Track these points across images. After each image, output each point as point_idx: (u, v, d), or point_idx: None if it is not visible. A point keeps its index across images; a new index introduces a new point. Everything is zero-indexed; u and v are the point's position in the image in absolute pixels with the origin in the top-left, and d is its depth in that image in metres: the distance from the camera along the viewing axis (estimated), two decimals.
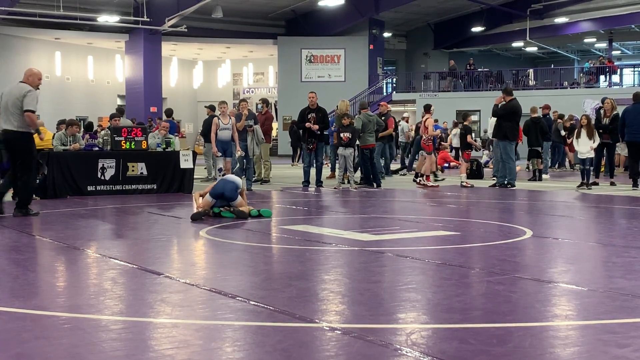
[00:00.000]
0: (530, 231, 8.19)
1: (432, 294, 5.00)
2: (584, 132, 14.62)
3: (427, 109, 16.52)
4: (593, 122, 15.55)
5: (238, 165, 14.65)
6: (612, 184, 15.50)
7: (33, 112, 9.86)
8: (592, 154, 14.67)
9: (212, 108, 18.71)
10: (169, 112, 19.22)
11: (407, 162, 21.68)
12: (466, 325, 4.13)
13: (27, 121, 9.87)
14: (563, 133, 21.16)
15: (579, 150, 14.83)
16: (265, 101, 18.08)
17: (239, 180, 10.17)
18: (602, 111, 16.36)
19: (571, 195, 13.49)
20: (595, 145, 14.58)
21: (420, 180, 15.79)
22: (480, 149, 16.98)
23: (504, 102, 15.48)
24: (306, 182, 15.67)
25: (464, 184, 15.65)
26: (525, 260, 6.62)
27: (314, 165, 15.78)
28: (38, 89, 10.08)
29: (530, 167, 18.66)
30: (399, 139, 23.17)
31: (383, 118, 18.08)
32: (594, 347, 3.71)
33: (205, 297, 4.90)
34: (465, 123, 16.79)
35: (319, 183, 15.58)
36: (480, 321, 4.25)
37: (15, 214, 9.97)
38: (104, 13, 32.71)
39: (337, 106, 16.77)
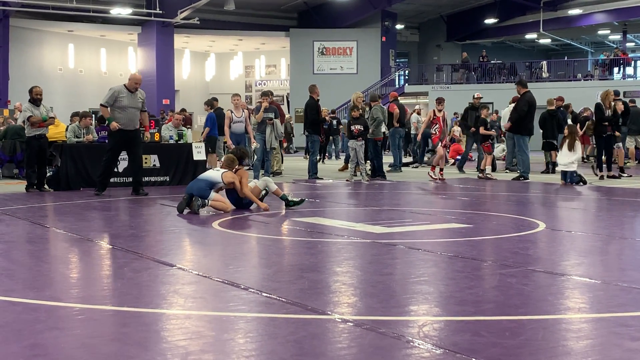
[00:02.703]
0: (543, 224, 8.16)
1: (444, 287, 5.00)
2: (565, 143, 14.09)
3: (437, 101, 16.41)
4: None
5: (256, 157, 14.71)
6: (602, 177, 14.98)
7: (103, 105, 11.95)
8: (572, 168, 13.94)
9: (210, 105, 18.30)
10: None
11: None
12: (478, 317, 4.12)
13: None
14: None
15: (558, 162, 14.39)
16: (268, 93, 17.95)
17: (213, 177, 9.68)
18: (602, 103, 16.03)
19: (584, 188, 13.42)
20: (574, 159, 13.93)
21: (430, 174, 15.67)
22: (495, 135, 16.65)
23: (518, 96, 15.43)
24: (314, 175, 15.72)
25: (488, 175, 15.60)
26: (538, 252, 6.60)
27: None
28: (131, 91, 11.88)
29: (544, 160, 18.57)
30: (411, 131, 23.25)
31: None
32: (607, 339, 3.70)
33: (218, 289, 4.91)
34: (482, 116, 16.73)
35: (313, 175, 15.72)
36: (492, 314, 4.24)
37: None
38: (117, 5, 32.76)
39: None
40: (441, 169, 15.57)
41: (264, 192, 10.13)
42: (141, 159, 12.49)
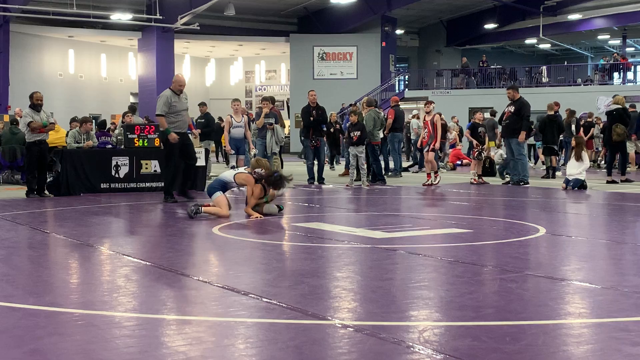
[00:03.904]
0: (543, 229, 8.16)
1: (444, 292, 5.00)
2: (573, 154, 14.04)
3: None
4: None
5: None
6: (612, 182, 15.07)
7: (161, 115, 11.47)
8: (581, 176, 13.87)
9: (204, 104, 19.04)
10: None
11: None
12: (479, 322, 4.12)
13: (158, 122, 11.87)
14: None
15: (567, 173, 14.23)
16: (269, 99, 17.97)
17: (225, 177, 9.69)
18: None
19: (585, 193, 13.42)
20: (582, 169, 13.87)
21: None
22: (480, 147, 16.42)
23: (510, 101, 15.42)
24: (311, 180, 15.68)
25: (472, 180, 15.63)
26: (538, 257, 6.60)
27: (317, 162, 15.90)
28: (177, 93, 11.62)
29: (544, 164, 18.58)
30: (410, 136, 23.33)
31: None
32: (607, 345, 3.70)
33: (218, 294, 4.91)
34: (474, 120, 16.76)
35: (320, 180, 15.59)
36: (492, 319, 4.24)
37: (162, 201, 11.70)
38: (117, 11, 32.81)
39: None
40: (435, 172, 15.31)
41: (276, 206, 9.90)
42: (194, 165, 12.30)
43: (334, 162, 23.30)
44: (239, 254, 6.93)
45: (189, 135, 12.11)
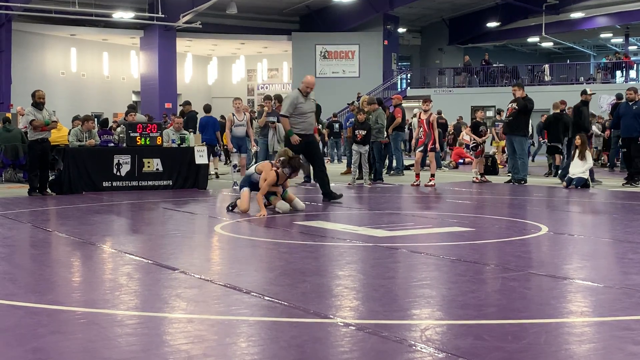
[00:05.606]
0: (545, 227, 8.15)
1: (446, 290, 4.99)
2: (577, 153, 13.93)
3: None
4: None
5: (254, 160, 14.69)
6: None
7: (285, 116, 11.37)
8: (584, 175, 13.82)
9: (189, 103, 19.24)
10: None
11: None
12: (481, 321, 4.12)
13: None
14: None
15: (570, 171, 14.06)
16: (277, 97, 18.04)
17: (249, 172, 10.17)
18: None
19: (587, 191, 13.41)
20: (585, 168, 13.81)
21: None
22: (481, 142, 16.28)
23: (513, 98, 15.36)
24: (306, 178, 15.66)
25: (474, 179, 15.61)
26: (541, 256, 6.60)
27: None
28: (305, 95, 11.49)
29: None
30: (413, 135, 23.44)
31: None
32: (610, 343, 3.70)
33: (220, 293, 4.91)
34: (476, 119, 16.74)
35: (306, 178, 15.54)
36: (495, 317, 4.23)
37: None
38: (119, 9, 32.81)
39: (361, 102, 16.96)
40: (417, 175, 14.98)
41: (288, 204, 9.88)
42: (324, 163, 12.13)
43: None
44: (241, 252, 6.93)
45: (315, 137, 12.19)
